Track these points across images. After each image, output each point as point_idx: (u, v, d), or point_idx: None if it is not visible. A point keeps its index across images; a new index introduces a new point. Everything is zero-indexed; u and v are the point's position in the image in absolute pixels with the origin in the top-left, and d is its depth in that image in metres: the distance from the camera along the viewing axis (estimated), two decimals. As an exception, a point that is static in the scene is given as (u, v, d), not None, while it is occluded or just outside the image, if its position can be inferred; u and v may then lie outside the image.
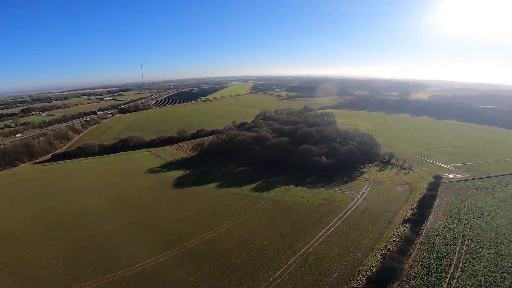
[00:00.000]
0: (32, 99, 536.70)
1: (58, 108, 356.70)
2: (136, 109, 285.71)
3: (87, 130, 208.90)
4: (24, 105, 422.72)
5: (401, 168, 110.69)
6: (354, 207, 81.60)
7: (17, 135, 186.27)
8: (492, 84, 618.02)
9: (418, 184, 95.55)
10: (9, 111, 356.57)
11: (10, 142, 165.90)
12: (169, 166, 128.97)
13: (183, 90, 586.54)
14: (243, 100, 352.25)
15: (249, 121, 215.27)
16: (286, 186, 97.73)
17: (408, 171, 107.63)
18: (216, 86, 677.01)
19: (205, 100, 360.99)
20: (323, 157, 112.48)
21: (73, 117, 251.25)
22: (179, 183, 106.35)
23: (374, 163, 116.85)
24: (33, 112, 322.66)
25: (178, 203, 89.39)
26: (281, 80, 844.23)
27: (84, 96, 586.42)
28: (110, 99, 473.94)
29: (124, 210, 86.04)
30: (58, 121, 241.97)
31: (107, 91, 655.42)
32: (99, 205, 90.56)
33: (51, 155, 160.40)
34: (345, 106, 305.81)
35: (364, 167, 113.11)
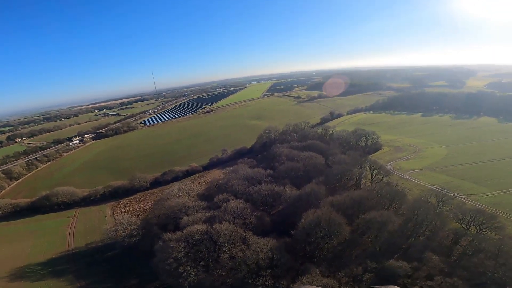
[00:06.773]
0: (46, 118, 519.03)
1: (48, 132, 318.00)
2: (116, 132, 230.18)
3: (32, 172, 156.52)
4: (27, 126, 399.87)
5: None
6: None
7: None
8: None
9: None
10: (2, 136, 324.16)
11: None
12: (58, 263, 68.09)
13: (194, 97, 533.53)
14: (252, 108, 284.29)
15: (248, 146, 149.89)
16: None
17: None
18: (232, 89, 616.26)
19: (207, 111, 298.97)
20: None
21: (35, 150, 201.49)
22: None
23: None
24: (17, 140, 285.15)
25: None
26: (304, 76, 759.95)
27: (97, 111, 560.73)
28: (113, 114, 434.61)
29: None
30: (26, 153, 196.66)
31: (119, 103, 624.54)
32: None
33: None
34: (384, 107, 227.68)
35: None
